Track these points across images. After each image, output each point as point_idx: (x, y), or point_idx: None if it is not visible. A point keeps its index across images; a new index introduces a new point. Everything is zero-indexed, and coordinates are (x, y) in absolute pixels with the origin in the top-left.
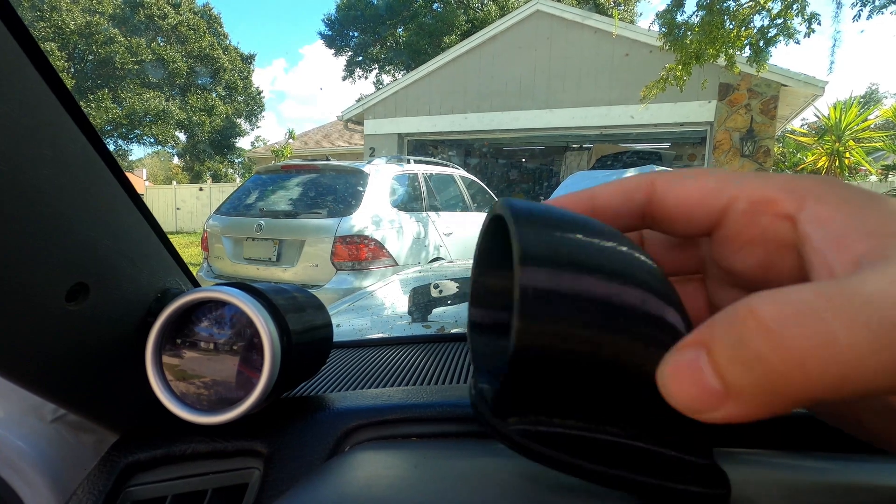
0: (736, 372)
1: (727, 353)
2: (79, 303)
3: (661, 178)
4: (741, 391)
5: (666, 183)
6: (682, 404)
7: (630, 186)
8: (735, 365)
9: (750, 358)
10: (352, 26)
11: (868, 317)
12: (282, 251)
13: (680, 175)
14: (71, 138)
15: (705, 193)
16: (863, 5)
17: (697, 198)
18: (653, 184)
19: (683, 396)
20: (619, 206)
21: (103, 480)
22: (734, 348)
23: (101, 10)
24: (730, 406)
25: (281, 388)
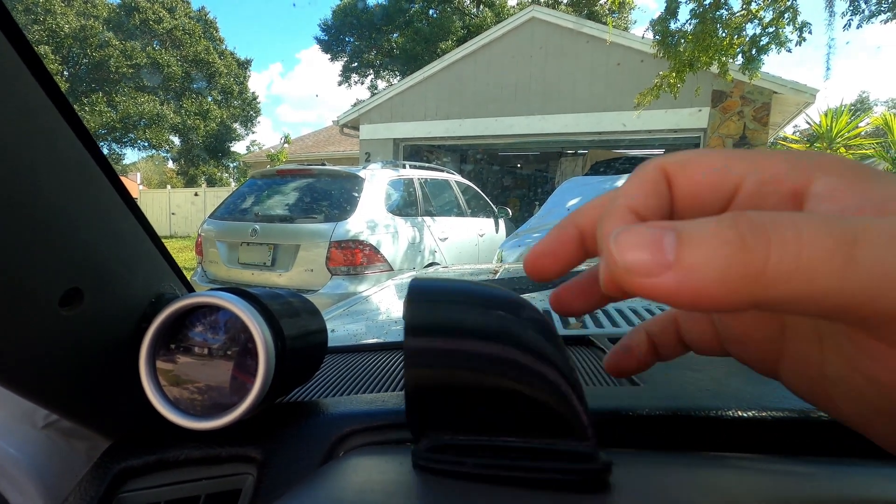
0: (699, 251)
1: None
2: (73, 308)
3: (670, 162)
4: (691, 268)
5: (675, 167)
6: (624, 264)
7: (654, 180)
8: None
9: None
10: (348, 32)
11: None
12: (277, 256)
13: (687, 156)
14: (66, 143)
15: (713, 174)
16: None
17: (706, 181)
18: (665, 170)
19: (631, 257)
20: (658, 207)
21: (95, 486)
22: (708, 234)
23: (95, 14)
24: (667, 277)
25: (275, 393)
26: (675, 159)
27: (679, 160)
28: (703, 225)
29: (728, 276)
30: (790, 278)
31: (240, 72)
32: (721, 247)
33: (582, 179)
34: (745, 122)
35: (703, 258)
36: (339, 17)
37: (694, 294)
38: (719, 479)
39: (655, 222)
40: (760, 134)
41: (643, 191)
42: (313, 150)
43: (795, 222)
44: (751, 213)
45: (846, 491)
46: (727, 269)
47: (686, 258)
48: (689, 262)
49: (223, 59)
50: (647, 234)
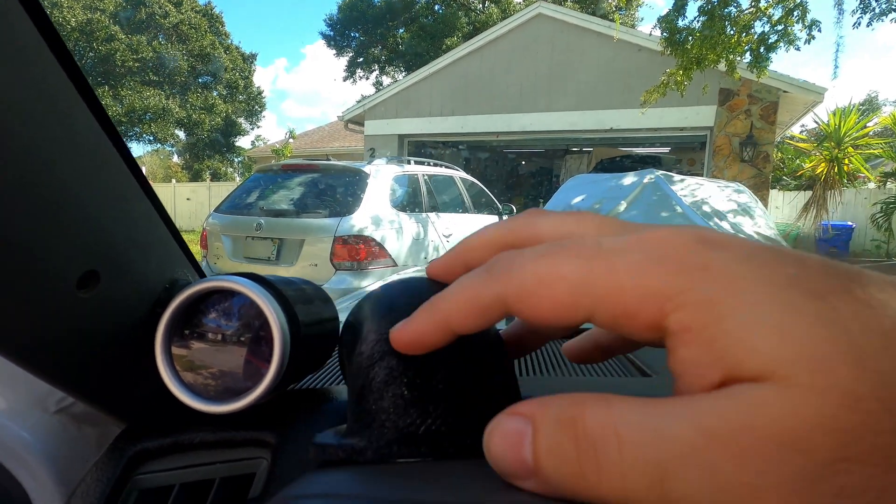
0: (548, 461)
1: (546, 443)
2: (89, 290)
3: (510, 291)
4: (547, 477)
5: (516, 298)
6: (496, 465)
7: (481, 304)
8: (550, 456)
9: (561, 458)
10: (353, 27)
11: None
12: (281, 250)
13: (528, 290)
14: (86, 126)
15: (560, 309)
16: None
17: (553, 316)
18: (504, 301)
19: (501, 460)
20: (477, 323)
21: (111, 468)
22: (554, 445)
23: (102, 8)
24: (533, 483)
25: (289, 379)
26: (514, 287)
27: (518, 289)
28: (551, 429)
29: (575, 489)
30: (622, 493)
31: (245, 66)
32: (563, 465)
33: (587, 177)
34: (752, 120)
35: (552, 473)
36: (345, 11)
37: (552, 493)
38: None
39: (517, 409)
40: (767, 133)
41: (468, 315)
42: (318, 145)
43: (620, 450)
44: (589, 424)
45: None
46: (574, 491)
47: (540, 470)
48: (542, 471)
49: (228, 53)
50: (510, 438)
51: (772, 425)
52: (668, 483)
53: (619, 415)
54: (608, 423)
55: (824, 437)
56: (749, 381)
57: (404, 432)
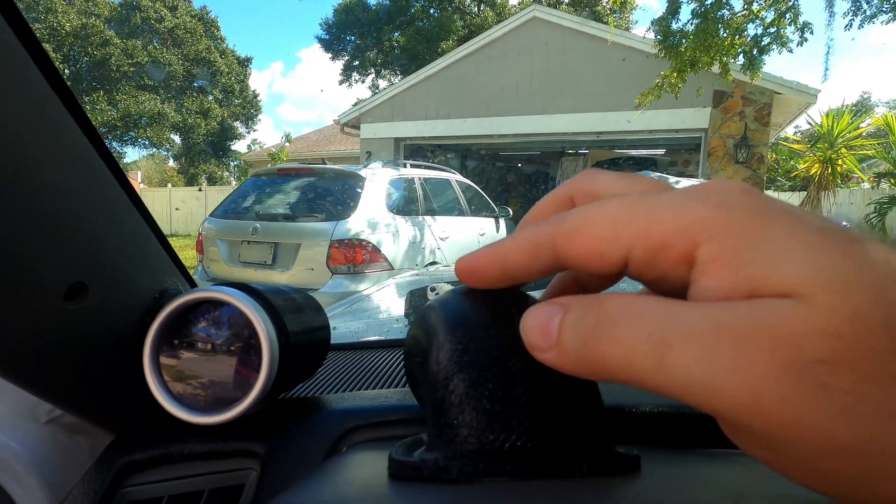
0: (568, 333)
1: (571, 320)
2: (77, 302)
3: (560, 233)
4: (564, 346)
5: (564, 238)
6: (526, 337)
7: (535, 245)
8: (571, 329)
9: (580, 330)
10: (349, 31)
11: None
12: (277, 254)
13: (575, 229)
14: (72, 138)
15: (601, 246)
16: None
17: (595, 252)
18: (553, 240)
19: (530, 332)
20: (529, 265)
21: (99, 480)
22: (577, 320)
23: (97, 13)
24: (552, 354)
25: (278, 389)
26: (564, 230)
27: (567, 231)
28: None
29: (585, 361)
30: (622, 369)
31: (240, 70)
32: (577, 336)
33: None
34: (746, 122)
35: (569, 344)
36: (341, 15)
37: (568, 367)
38: (725, 476)
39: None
40: (762, 134)
41: (523, 253)
42: (314, 148)
43: (631, 323)
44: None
45: None
46: (585, 357)
47: (560, 341)
48: (562, 343)
49: (224, 57)
50: (543, 316)
51: (776, 327)
52: (667, 352)
53: (641, 301)
54: (628, 304)
55: (819, 340)
56: (769, 297)
57: (488, 448)
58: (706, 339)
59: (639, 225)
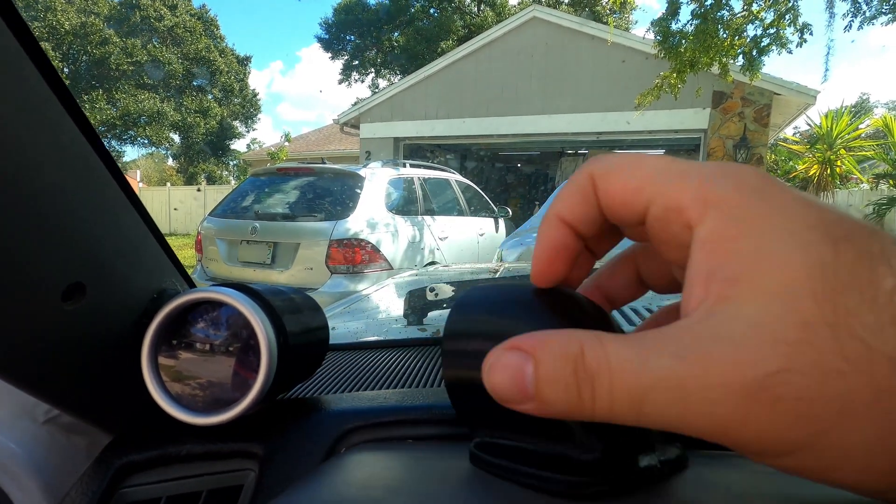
0: (549, 390)
1: (547, 373)
2: (75, 302)
3: (597, 169)
4: (545, 401)
5: (601, 176)
6: (497, 393)
7: (578, 185)
8: (551, 386)
9: (560, 385)
10: (349, 30)
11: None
12: (276, 254)
13: (611, 169)
14: (70, 138)
15: (628, 193)
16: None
17: (621, 197)
18: (592, 176)
19: (502, 388)
20: (584, 213)
21: (97, 481)
22: (556, 371)
23: (96, 11)
24: (531, 406)
25: (277, 389)
26: (601, 167)
27: (603, 168)
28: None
29: (570, 411)
30: (606, 416)
31: (240, 69)
32: (562, 392)
33: None
34: (745, 123)
35: (552, 397)
36: (340, 15)
37: (547, 415)
38: (726, 479)
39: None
40: (761, 135)
41: (573, 199)
42: (314, 148)
43: (610, 378)
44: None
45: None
46: (569, 407)
47: (541, 394)
48: (543, 397)
49: (224, 56)
50: (514, 367)
51: (737, 346)
52: (644, 404)
53: (613, 351)
54: (603, 358)
55: (772, 350)
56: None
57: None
58: (673, 380)
59: (663, 184)
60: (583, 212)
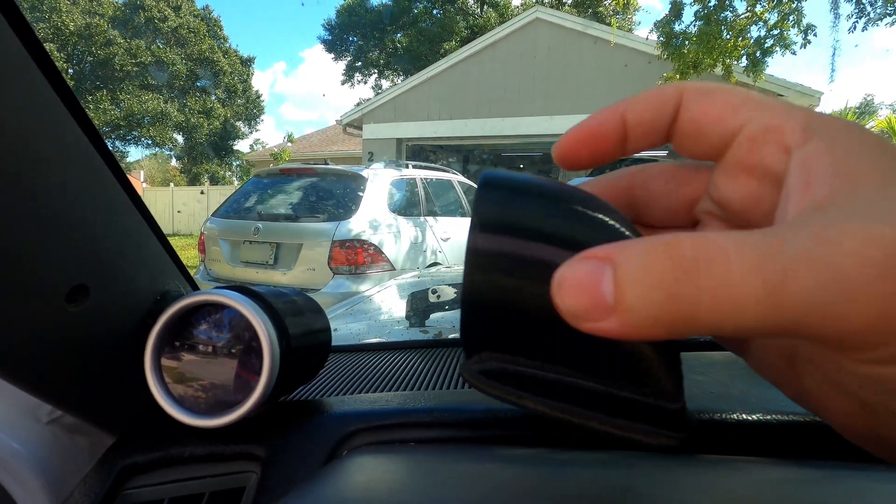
0: (634, 290)
1: (633, 276)
2: (79, 304)
3: (691, 89)
4: (630, 310)
5: (693, 95)
6: (566, 308)
7: (662, 98)
8: (637, 284)
9: (654, 284)
10: (351, 31)
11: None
12: (279, 255)
13: (708, 88)
14: (73, 138)
15: (726, 110)
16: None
17: (716, 114)
18: (682, 94)
19: (571, 302)
20: (652, 121)
21: (100, 482)
22: (643, 272)
23: (101, 12)
24: (611, 320)
25: (279, 391)
26: (698, 88)
27: (700, 90)
28: (637, 259)
29: (663, 320)
30: (721, 318)
31: (243, 70)
32: (654, 290)
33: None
34: None
35: (638, 302)
36: (343, 16)
37: (635, 333)
38: (724, 484)
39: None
40: None
41: (647, 104)
42: (316, 149)
43: (728, 260)
44: (685, 245)
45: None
46: (661, 314)
47: (623, 301)
48: (626, 305)
49: (227, 57)
50: (586, 276)
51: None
52: (784, 283)
53: (723, 236)
54: (711, 242)
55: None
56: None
57: None
58: (822, 261)
59: (765, 106)
60: (651, 118)
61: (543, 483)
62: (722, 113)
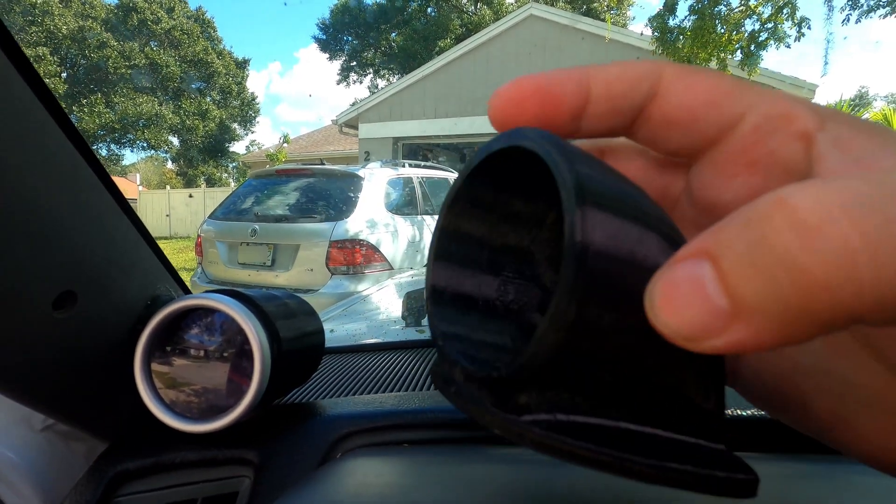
0: (752, 284)
1: (741, 260)
2: (66, 311)
3: (672, 68)
4: (756, 308)
5: (676, 74)
6: (675, 330)
7: (637, 73)
8: (751, 274)
9: (774, 264)
10: (346, 31)
11: None
12: (276, 256)
13: (693, 69)
14: (58, 145)
15: (719, 94)
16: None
17: (707, 98)
18: (661, 73)
19: (678, 320)
20: (620, 96)
21: (91, 490)
22: (752, 253)
23: (93, 15)
24: (738, 329)
25: (272, 395)
26: (681, 69)
27: (685, 70)
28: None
29: (807, 307)
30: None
31: (238, 72)
32: (789, 272)
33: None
34: None
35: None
36: (337, 16)
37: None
38: None
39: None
40: None
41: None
42: (312, 149)
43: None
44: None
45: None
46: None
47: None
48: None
49: (221, 59)
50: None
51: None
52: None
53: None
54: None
55: None
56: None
57: None
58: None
59: (764, 92)
60: (622, 93)
61: (537, 483)
62: (714, 98)
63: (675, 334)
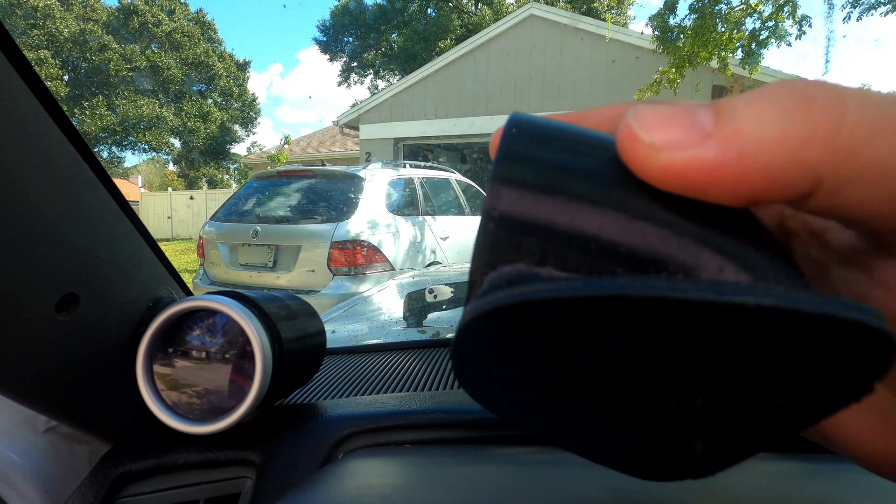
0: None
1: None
2: (69, 313)
3: None
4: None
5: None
6: (647, 140)
7: None
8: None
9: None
10: (346, 32)
11: None
12: (278, 257)
13: None
14: (59, 148)
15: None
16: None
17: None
18: None
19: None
20: None
21: (94, 492)
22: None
23: (94, 18)
24: (708, 147)
25: (273, 396)
26: None
27: None
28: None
29: (788, 137)
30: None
31: (239, 73)
32: (775, 105)
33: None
34: None
35: (752, 119)
36: (338, 17)
37: (741, 166)
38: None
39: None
40: None
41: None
42: (314, 150)
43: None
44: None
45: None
46: (787, 130)
47: (733, 122)
48: (733, 126)
49: (222, 61)
50: (676, 110)
51: None
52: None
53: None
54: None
55: None
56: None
57: None
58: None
59: None
60: None
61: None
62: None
63: (649, 143)
